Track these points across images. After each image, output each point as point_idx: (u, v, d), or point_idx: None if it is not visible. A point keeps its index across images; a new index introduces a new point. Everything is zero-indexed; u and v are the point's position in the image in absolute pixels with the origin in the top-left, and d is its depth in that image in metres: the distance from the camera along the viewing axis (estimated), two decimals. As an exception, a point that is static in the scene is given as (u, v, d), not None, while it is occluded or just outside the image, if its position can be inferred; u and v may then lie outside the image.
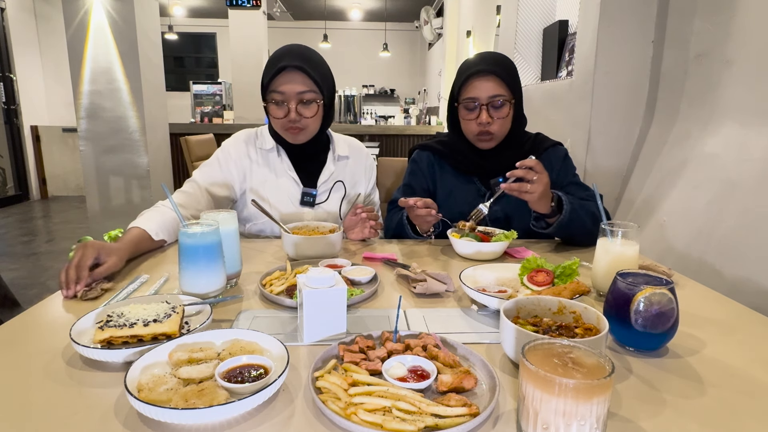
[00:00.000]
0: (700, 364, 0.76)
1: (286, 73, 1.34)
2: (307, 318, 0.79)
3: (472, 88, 1.40)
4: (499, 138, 1.45)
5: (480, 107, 1.39)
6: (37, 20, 6.93)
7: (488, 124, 1.40)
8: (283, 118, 1.38)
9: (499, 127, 1.42)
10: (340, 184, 1.53)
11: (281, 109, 1.37)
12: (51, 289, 3.39)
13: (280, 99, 1.36)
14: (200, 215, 1.03)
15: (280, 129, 1.42)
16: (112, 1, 3.50)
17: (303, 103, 1.36)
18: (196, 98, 7.66)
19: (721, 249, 1.50)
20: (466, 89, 1.42)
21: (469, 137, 1.47)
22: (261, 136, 1.51)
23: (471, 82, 1.40)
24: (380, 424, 0.57)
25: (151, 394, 0.61)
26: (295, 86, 1.34)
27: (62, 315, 0.91)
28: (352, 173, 1.58)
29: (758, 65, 1.50)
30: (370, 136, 6.62)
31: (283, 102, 1.36)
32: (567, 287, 0.91)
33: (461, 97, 1.43)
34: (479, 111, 1.40)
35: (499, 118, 1.41)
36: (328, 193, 1.51)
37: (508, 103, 1.41)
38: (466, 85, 1.42)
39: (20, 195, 6.65)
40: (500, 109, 1.40)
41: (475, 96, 1.40)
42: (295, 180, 1.49)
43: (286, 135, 1.43)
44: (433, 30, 7.91)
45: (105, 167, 3.69)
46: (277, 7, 8.89)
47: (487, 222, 1.51)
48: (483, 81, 1.39)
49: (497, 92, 1.39)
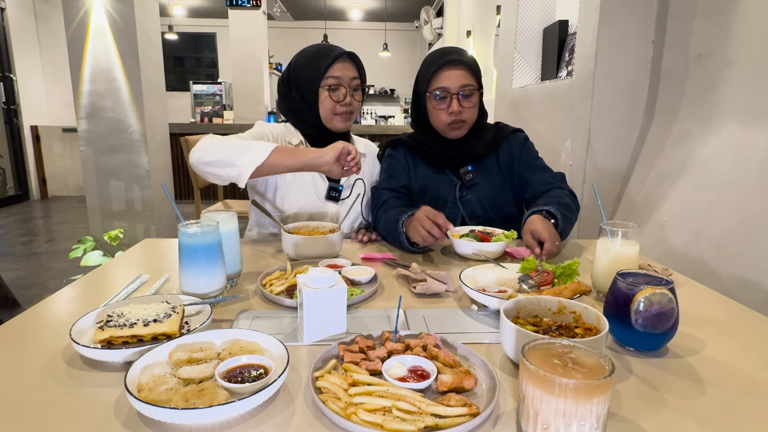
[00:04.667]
0: (700, 364, 0.76)
1: (341, 62, 1.44)
2: (307, 318, 0.79)
3: (443, 78, 1.46)
4: (469, 126, 1.52)
5: (451, 96, 1.45)
6: (37, 20, 6.93)
7: (459, 113, 1.46)
8: (337, 103, 1.44)
9: (470, 115, 1.49)
10: (361, 181, 1.58)
11: (335, 93, 1.44)
12: (51, 289, 3.39)
13: (335, 84, 1.43)
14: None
15: (330, 114, 1.46)
16: (112, 1, 3.49)
17: (354, 89, 1.47)
18: (196, 98, 7.67)
19: (721, 249, 1.50)
20: (437, 79, 1.47)
21: (440, 127, 1.51)
22: (289, 131, 1.54)
23: (442, 73, 1.46)
24: (380, 424, 0.57)
25: (151, 394, 0.61)
26: (349, 72, 1.45)
27: (62, 315, 0.91)
28: (370, 172, 1.64)
29: (758, 65, 1.50)
30: (370, 136, 6.61)
31: (338, 86, 1.44)
32: (568, 287, 0.91)
33: (431, 88, 1.47)
34: (450, 100, 1.45)
35: (468, 107, 1.47)
36: (350, 189, 1.55)
37: (477, 92, 1.48)
38: (437, 75, 1.47)
39: (20, 195, 6.65)
40: (470, 98, 1.46)
41: (447, 85, 1.45)
42: (321, 175, 1.52)
43: (336, 121, 1.47)
44: (433, 30, 7.90)
45: (105, 167, 3.69)
46: (277, 7, 8.89)
47: (465, 220, 1.54)
48: (453, 71, 1.45)
49: (467, 81, 1.45)
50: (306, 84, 1.45)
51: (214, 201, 5.15)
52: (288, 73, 1.49)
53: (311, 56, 1.46)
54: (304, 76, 1.45)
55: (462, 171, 1.54)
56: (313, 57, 1.45)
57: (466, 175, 1.54)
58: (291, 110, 1.51)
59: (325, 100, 1.44)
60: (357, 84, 1.47)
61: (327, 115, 1.46)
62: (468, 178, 1.54)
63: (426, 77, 1.48)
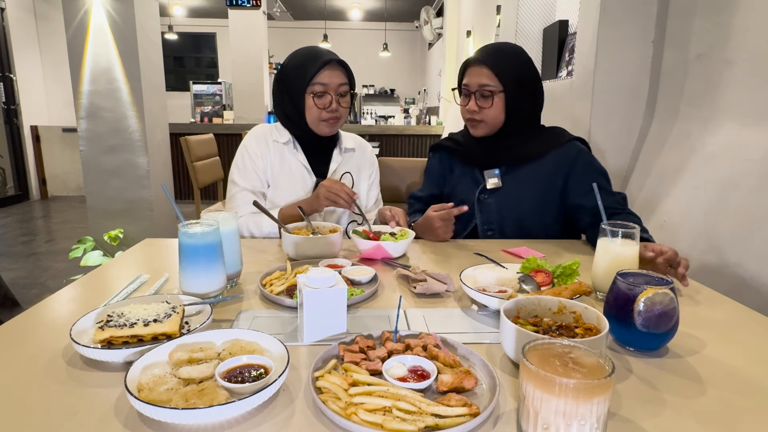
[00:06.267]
0: (700, 364, 0.76)
1: (329, 68, 1.46)
2: (307, 318, 0.79)
3: (467, 75, 1.47)
4: (489, 126, 1.47)
5: (471, 94, 1.45)
6: (37, 20, 6.92)
7: (474, 112, 1.45)
8: (323, 109, 1.47)
9: (484, 116, 1.45)
10: (348, 175, 1.61)
11: (321, 100, 1.46)
12: (51, 289, 3.39)
13: (321, 91, 1.46)
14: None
15: (316, 120, 1.49)
16: (112, 1, 3.49)
17: (341, 95, 1.49)
18: (196, 98, 7.66)
19: (721, 249, 1.50)
20: (465, 76, 1.48)
21: (465, 123, 1.53)
22: (277, 131, 1.59)
23: (467, 70, 1.47)
24: (380, 424, 0.57)
25: (151, 394, 0.61)
26: (336, 79, 1.47)
27: (62, 315, 0.91)
28: (357, 165, 1.67)
29: (758, 65, 1.50)
30: (370, 136, 6.62)
31: (324, 93, 1.46)
32: (568, 287, 0.91)
33: (462, 84, 1.49)
34: (470, 98, 1.46)
35: (484, 108, 1.44)
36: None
37: (496, 94, 1.43)
38: (465, 72, 1.48)
39: (20, 195, 6.65)
40: (486, 99, 1.43)
41: (468, 83, 1.46)
42: (308, 170, 1.56)
43: (322, 126, 1.50)
44: (433, 30, 7.90)
45: (105, 167, 3.68)
46: (277, 7, 8.89)
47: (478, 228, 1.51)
48: (475, 69, 1.45)
49: (484, 82, 1.43)
50: (294, 88, 1.48)
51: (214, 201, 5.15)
52: (280, 75, 1.52)
53: (300, 61, 1.48)
54: (292, 81, 1.48)
55: (486, 173, 1.48)
56: (302, 62, 1.48)
57: (490, 177, 1.47)
58: (282, 111, 1.55)
59: (311, 106, 1.48)
60: (345, 90, 1.49)
61: (313, 121, 1.50)
62: (492, 180, 1.47)
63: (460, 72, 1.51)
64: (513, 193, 1.47)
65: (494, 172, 1.48)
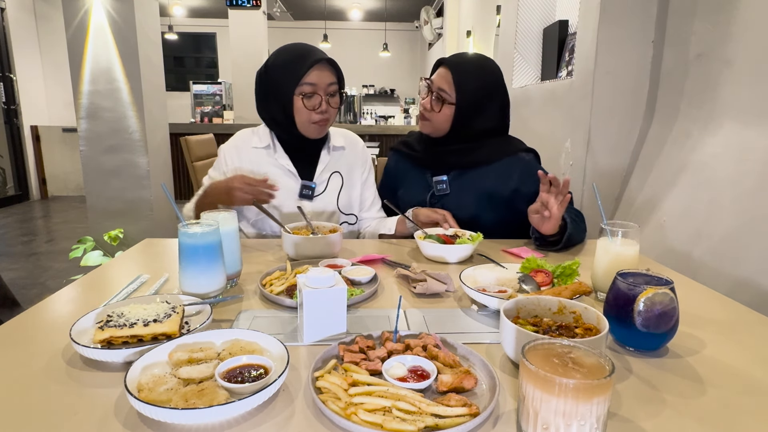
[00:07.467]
0: (700, 364, 0.76)
1: (318, 68, 1.39)
2: (307, 318, 0.79)
3: (435, 73, 1.50)
4: (433, 128, 1.51)
5: (430, 92, 1.48)
6: (37, 20, 6.92)
7: (425, 110, 1.49)
8: (313, 110, 1.41)
9: (432, 118, 1.49)
10: (338, 174, 1.54)
11: (310, 101, 1.40)
12: (51, 289, 3.39)
13: (311, 91, 1.39)
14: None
15: (306, 123, 1.43)
16: (112, 1, 3.49)
17: (331, 95, 1.43)
18: (196, 98, 7.66)
19: (721, 249, 1.50)
20: (434, 73, 1.52)
21: (418, 115, 1.59)
22: (256, 135, 1.52)
23: (439, 68, 1.51)
24: (380, 424, 0.57)
25: (151, 394, 0.61)
26: (326, 79, 1.41)
27: (62, 315, 0.91)
28: (348, 164, 1.58)
29: (758, 65, 1.50)
30: (370, 136, 6.62)
31: (313, 94, 1.40)
32: (568, 287, 0.91)
33: (429, 78, 1.52)
34: (428, 95, 1.49)
35: (434, 111, 1.47)
36: (325, 185, 1.52)
37: (446, 104, 1.46)
38: (436, 69, 1.52)
39: (20, 195, 6.65)
40: (438, 103, 1.47)
41: (432, 80, 1.50)
42: (293, 174, 1.50)
43: (312, 128, 1.44)
44: (433, 30, 7.90)
45: (105, 167, 3.69)
46: (277, 7, 8.88)
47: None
48: (443, 71, 1.48)
49: (443, 87, 1.46)
50: (281, 90, 1.40)
51: (214, 201, 5.13)
52: (265, 75, 1.45)
53: (287, 60, 1.41)
54: (278, 82, 1.41)
55: (435, 179, 1.52)
56: (289, 62, 1.40)
57: (438, 184, 1.51)
58: (268, 114, 1.48)
59: (300, 108, 1.40)
60: (334, 90, 1.43)
61: (303, 124, 1.44)
62: (440, 187, 1.51)
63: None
64: (460, 198, 1.50)
65: (442, 178, 1.52)
